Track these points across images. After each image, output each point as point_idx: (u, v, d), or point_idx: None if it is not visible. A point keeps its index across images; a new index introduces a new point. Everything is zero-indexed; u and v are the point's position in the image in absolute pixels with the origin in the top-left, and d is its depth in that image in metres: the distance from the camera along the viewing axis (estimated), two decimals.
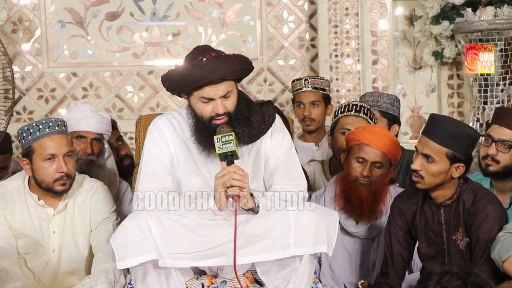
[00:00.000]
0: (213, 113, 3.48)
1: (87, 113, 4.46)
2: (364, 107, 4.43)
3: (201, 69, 3.43)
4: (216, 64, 3.44)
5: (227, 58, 3.50)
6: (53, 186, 3.84)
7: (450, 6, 5.62)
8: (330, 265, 4.14)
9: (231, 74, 3.46)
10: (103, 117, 4.53)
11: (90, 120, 4.44)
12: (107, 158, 4.58)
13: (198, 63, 3.45)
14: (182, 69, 3.50)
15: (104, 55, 6.36)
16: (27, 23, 6.29)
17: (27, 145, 3.86)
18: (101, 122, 4.50)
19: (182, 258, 3.44)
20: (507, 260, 3.46)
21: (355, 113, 4.40)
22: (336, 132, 4.45)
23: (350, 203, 4.05)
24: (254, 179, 3.61)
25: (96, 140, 4.47)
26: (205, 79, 3.43)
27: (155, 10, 6.35)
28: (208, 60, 3.45)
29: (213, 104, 3.48)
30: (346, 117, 4.42)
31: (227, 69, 3.45)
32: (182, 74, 3.47)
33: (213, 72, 3.43)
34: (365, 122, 4.36)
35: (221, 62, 3.45)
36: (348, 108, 4.44)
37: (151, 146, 3.63)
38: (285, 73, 6.40)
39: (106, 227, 3.92)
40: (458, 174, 3.61)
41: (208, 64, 3.44)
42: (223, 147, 3.41)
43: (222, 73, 3.44)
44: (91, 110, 4.51)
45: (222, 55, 3.52)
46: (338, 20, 6.18)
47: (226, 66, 3.45)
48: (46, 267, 3.92)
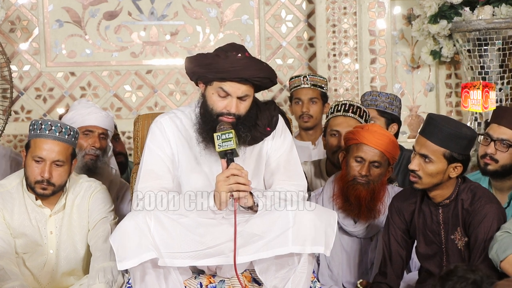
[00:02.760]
0: (224, 109, 3.49)
1: (93, 109, 4.52)
2: (353, 105, 4.43)
3: (233, 62, 3.45)
4: (248, 63, 3.47)
5: (259, 63, 3.54)
6: (34, 186, 3.84)
7: (448, 5, 5.62)
8: (328, 264, 4.14)
9: (257, 79, 3.49)
10: (108, 114, 4.60)
11: (96, 115, 4.49)
12: (110, 156, 4.60)
13: (233, 57, 3.47)
14: (214, 56, 3.50)
15: (102, 54, 6.36)
16: (25, 22, 6.28)
17: (29, 139, 3.89)
18: (107, 118, 4.56)
19: (181, 257, 3.44)
20: (505, 260, 3.46)
21: (343, 113, 4.41)
22: (327, 133, 4.46)
23: (348, 202, 4.06)
24: (254, 178, 3.61)
25: (102, 136, 4.49)
26: (233, 73, 3.45)
27: (153, 10, 6.35)
28: (242, 57, 3.48)
29: (229, 100, 3.48)
30: (334, 118, 4.44)
31: (256, 73, 3.47)
32: (213, 61, 3.48)
33: (243, 70, 3.45)
34: (355, 122, 4.36)
35: (253, 64, 3.49)
36: (337, 108, 4.45)
37: (152, 145, 3.63)
38: (283, 72, 6.40)
39: (104, 226, 3.92)
40: (455, 174, 3.62)
41: (241, 60, 3.46)
42: (223, 145, 3.40)
43: (250, 74, 3.46)
44: (96, 107, 4.58)
45: (255, 58, 3.55)
46: (336, 19, 6.18)
47: (257, 69, 3.48)
48: (44, 267, 3.92)
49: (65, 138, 3.85)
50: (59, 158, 3.82)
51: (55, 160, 3.82)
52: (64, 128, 3.85)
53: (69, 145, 3.87)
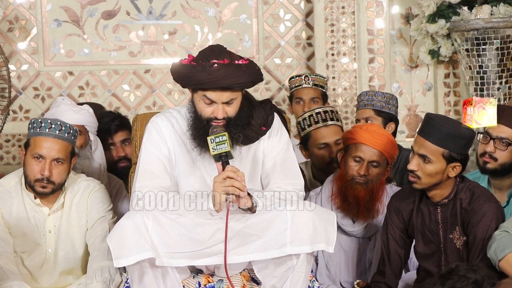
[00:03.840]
0: (212, 115, 3.47)
1: (62, 107, 4.39)
2: (327, 111, 4.49)
3: (209, 74, 3.41)
4: (226, 73, 3.41)
5: (238, 68, 3.45)
6: (34, 185, 3.84)
7: (446, 5, 5.62)
8: (326, 264, 4.14)
9: (237, 85, 3.44)
10: (81, 109, 4.46)
11: (67, 113, 4.34)
12: (94, 151, 4.54)
13: (208, 68, 3.42)
14: (191, 68, 3.46)
15: (101, 53, 6.35)
16: (23, 21, 6.28)
17: (28, 137, 3.88)
18: (78, 113, 4.42)
19: (179, 257, 3.44)
20: (503, 259, 3.46)
21: (323, 124, 4.45)
22: (312, 146, 4.47)
23: (347, 202, 4.05)
24: (251, 179, 3.61)
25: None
26: (212, 84, 3.41)
27: (151, 9, 6.34)
28: (218, 67, 3.42)
29: (215, 107, 3.47)
30: (317, 130, 4.45)
31: (235, 80, 3.42)
32: (190, 74, 3.45)
33: (222, 80, 3.40)
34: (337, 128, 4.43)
35: (231, 71, 3.42)
36: (314, 120, 4.46)
37: (149, 144, 3.63)
38: (281, 71, 6.40)
39: (102, 225, 3.92)
40: (454, 173, 3.62)
41: (218, 71, 3.41)
42: (217, 148, 3.39)
43: (230, 82, 3.42)
44: (66, 103, 4.44)
45: (233, 64, 3.46)
46: (334, 19, 6.18)
47: (236, 76, 3.42)
48: (43, 266, 3.91)
49: (65, 136, 3.85)
50: (59, 156, 3.83)
51: (55, 158, 3.82)
52: (64, 127, 3.85)
53: (69, 143, 3.87)
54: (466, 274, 2.83)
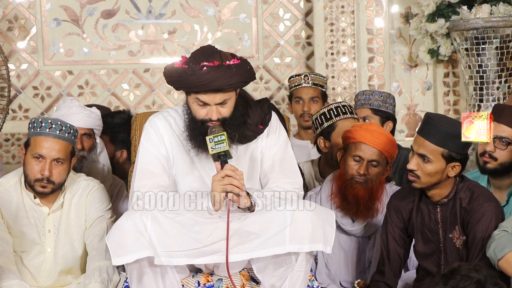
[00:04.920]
0: (206, 117, 3.47)
1: (74, 109, 4.40)
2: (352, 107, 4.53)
3: (199, 78, 3.40)
4: (216, 75, 3.40)
5: (228, 70, 3.43)
6: (34, 184, 3.84)
7: (445, 4, 5.62)
8: (326, 263, 4.14)
9: (229, 86, 3.43)
10: (92, 112, 4.48)
11: (78, 116, 4.36)
12: (99, 153, 4.56)
13: (198, 71, 3.41)
14: (181, 71, 3.45)
15: (100, 53, 6.35)
16: (22, 21, 6.27)
17: (28, 137, 3.88)
18: (89, 117, 4.44)
19: (178, 256, 3.44)
20: (503, 258, 3.46)
21: (351, 116, 4.43)
22: (337, 136, 4.40)
23: (347, 201, 4.06)
24: (250, 179, 3.60)
25: (86, 135, 4.44)
26: (203, 87, 3.41)
27: (150, 8, 6.34)
28: (208, 70, 3.40)
29: (208, 109, 3.46)
30: (345, 120, 4.41)
31: (226, 82, 3.41)
32: (181, 78, 3.45)
33: (213, 82, 3.39)
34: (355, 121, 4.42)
35: (221, 74, 3.41)
36: (342, 111, 4.44)
37: (147, 143, 3.63)
38: (281, 71, 6.40)
39: (100, 225, 3.92)
40: (454, 173, 3.62)
41: (207, 74, 3.40)
42: (215, 148, 3.39)
43: (221, 84, 3.41)
44: (78, 106, 4.45)
45: (223, 65, 3.44)
46: (334, 18, 6.18)
47: (227, 78, 3.41)
48: (42, 266, 3.91)
49: (65, 136, 3.85)
50: (59, 156, 3.83)
51: (55, 158, 3.82)
52: (64, 126, 3.85)
53: (69, 143, 3.87)
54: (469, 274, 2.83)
